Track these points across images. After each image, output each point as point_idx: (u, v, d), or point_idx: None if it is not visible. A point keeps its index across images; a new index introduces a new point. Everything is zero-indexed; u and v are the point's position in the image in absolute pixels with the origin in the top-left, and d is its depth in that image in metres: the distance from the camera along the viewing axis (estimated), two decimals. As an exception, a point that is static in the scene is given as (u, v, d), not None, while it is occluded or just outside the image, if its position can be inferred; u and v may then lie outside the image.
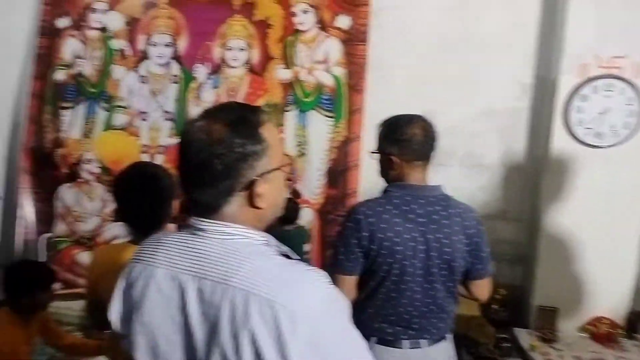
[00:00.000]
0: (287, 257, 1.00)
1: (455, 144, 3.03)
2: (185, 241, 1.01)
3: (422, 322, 1.65)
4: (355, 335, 0.96)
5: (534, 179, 3.00)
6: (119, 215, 1.70)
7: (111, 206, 3.20)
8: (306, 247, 2.89)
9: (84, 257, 3.16)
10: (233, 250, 0.96)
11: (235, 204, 0.98)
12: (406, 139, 1.64)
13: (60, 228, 3.24)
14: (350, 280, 1.63)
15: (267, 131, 0.99)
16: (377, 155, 1.73)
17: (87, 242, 3.19)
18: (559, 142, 2.77)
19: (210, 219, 0.99)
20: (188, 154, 0.97)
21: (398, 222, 1.58)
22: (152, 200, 1.59)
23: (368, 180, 2.95)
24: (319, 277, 0.95)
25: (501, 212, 3.08)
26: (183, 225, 1.04)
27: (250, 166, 0.96)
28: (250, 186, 0.97)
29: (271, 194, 1.00)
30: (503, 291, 2.76)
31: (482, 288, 1.75)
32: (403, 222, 1.59)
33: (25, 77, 3.40)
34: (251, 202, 0.98)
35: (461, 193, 1.82)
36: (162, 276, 1.00)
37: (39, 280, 2.34)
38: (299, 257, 1.04)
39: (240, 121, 0.97)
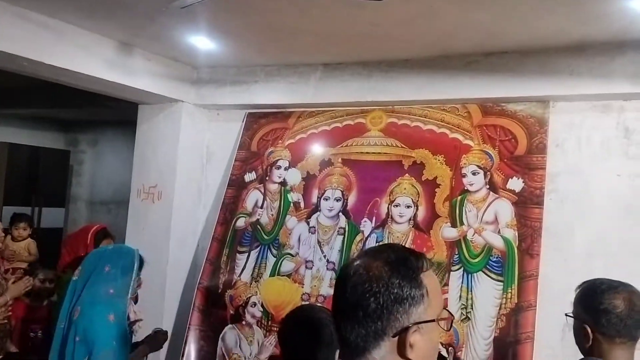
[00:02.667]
0: None
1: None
2: None
3: None
4: None
5: None
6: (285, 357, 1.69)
7: (267, 352, 3.22)
8: None
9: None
10: None
11: (384, 349, 0.91)
12: (604, 310, 1.43)
13: (219, 369, 3.31)
14: None
15: (428, 278, 0.95)
16: (572, 321, 1.54)
17: (241, 386, 3.20)
18: None
19: None
20: (344, 290, 0.94)
21: (596, 409, 1.34)
22: (315, 344, 1.56)
23: (545, 357, 2.63)
24: None
25: None
26: None
27: (405, 311, 0.91)
28: (402, 333, 0.90)
29: (423, 348, 0.92)
30: None
31: None
32: (602, 410, 1.33)
33: (211, 222, 3.80)
34: (401, 351, 0.91)
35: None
36: None
37: None
38: None
39: (401, 262, 0.94)
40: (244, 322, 3.34)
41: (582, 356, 1.48)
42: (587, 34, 2.63)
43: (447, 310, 0.98)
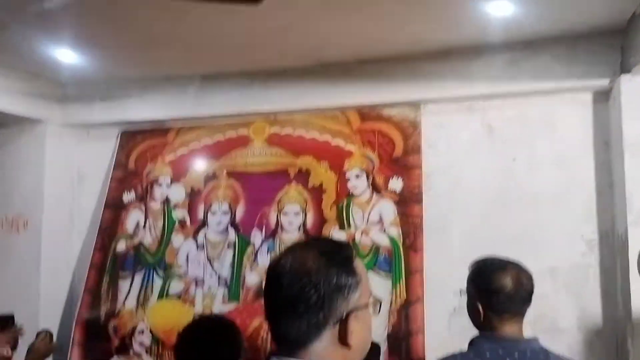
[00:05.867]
0: None
1: (524, 305, 2.83)
2: None
3: None
4: None
5: (616, 341, 2.72)
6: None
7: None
8: None
9: None
10: None
11: (326, 340, 0.92)
12: (494, 290, 1.52)
13: (106, 406, 3.05)
14: None
15: (359, 265, 0.98)
16: (465, 297, 1.62)
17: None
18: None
19: (295, 357, 0.92)
20: (279, 285, 0.93)
21: (489, 381, 1.41)
22: (219, 355, 1.48)
23: (435, 347, 2.74)
24: None
25: (585, 381, 2.75)
26: None
27: (345, 299, 0.92)
28: (342, 321, 0.92)
29: (361, 333, 0.94)
30: None
31: None
32: (495, 381, 1.41)
33: (87, 249, 3.51)
34: (342, 339, 0.92)
35: None
36: None
37: None
38: None
39: (335, 251, 0.96)
40: (131, 352, 3.12)
41: (474, 328, 1.56)
42: (450, 39, 2.84)
43: (374, 296, 1.03)
